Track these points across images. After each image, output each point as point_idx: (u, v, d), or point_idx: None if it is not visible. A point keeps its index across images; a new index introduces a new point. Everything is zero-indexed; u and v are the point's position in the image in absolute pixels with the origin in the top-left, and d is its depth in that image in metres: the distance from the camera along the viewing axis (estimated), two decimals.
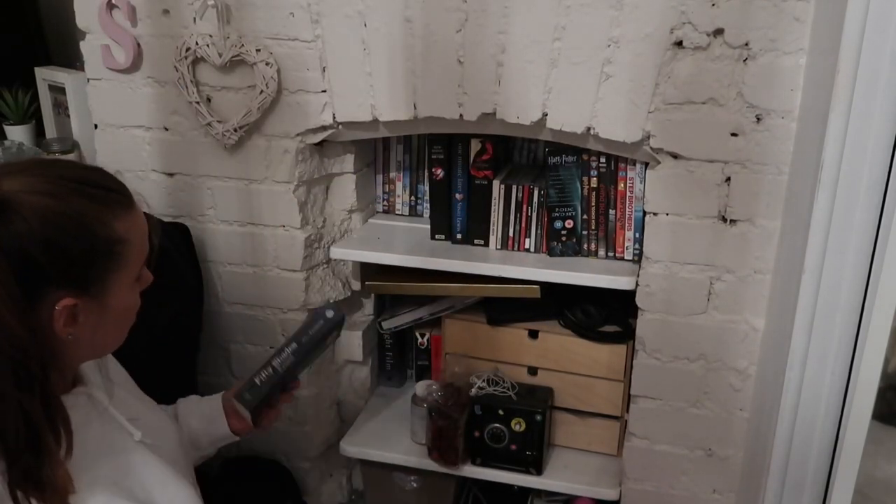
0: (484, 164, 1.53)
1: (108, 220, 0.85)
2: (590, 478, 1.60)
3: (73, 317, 0.85)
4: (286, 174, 1.50)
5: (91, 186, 0.86)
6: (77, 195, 0.83)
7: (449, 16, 1.31)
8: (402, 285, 1.64)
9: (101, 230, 0.85)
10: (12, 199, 0.79)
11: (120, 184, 0.91)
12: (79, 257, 0.83)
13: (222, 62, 1.42)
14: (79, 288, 0.84)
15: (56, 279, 0.82)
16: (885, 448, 1.36)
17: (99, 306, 0.87)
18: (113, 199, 0.87)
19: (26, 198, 0.80)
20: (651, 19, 1.23)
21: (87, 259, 0.84)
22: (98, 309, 0.87)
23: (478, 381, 1.61)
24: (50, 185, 0.82)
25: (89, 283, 0.85)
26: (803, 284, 1.12)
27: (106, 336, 0.92)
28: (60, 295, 0.83)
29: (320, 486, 1.78)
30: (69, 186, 0.83)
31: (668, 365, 1.43)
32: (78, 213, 0.83)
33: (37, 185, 0.81)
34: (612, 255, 1.50)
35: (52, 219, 0.80)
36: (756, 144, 1.26)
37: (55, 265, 0.81)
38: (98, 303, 0.87)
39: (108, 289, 0.87)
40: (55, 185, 0.83)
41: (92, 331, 0.88)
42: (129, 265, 0.89)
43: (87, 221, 0.83)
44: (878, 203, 1.04)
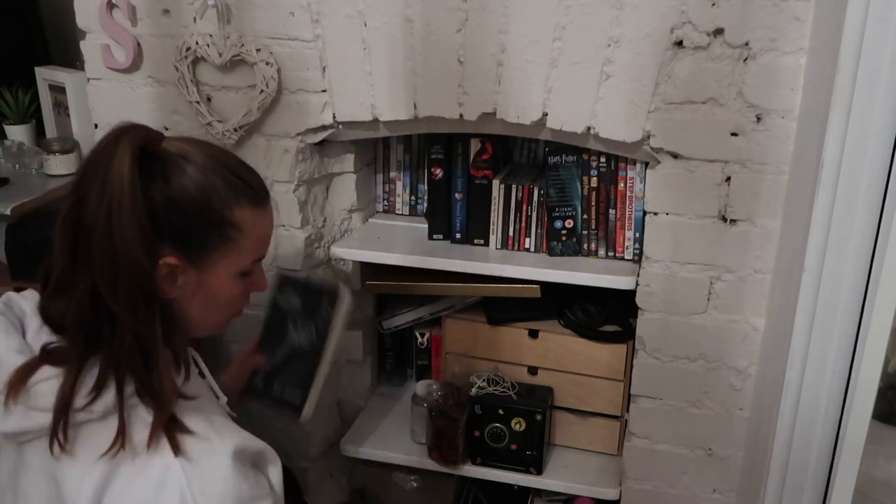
0: (484, 163, 1.53)
1: (231, 204, 0.92)
2: (590, 477, 1.60)
3: (173, 277, 0.90)
4: (286, 174, 1.50)
5: (235, 176, 0.93)
6: (216, 174, 0.91)
7: (449, 15, 1.31)
8: (403, 285, 1.64)
9: (221, 209, 0.91)
10: (167, 157, 0.88)
11: (263, 186, 0.98)
12: (192, 224, 0.90)
13: (222, 62, 1.42)
14: (184, 252, 0.90)
15: (168, 236, 0.88)
16: (885, 448, 1.36)
17: (197, 278, 0.92)
18: (245, 191, 0.94)
19: (177, 161, 0.89)
20: (651, 19, 1.23)
21: (199, 229, 0.91)
22: (196, 280, 0.93)
23: (478, 380, 1.61)
24: (201, 159, 0.91)
25: (194, 252, 0.91)
26: (803, 284, 1.12)
27: (203, 313, 0.97)
28: (166, 251, 0.88)
29: (320, 485, 1.78)
30: (214, 165, 0.91)
31: (668, 364, 1.43)
32: (208, 187, 0.90)
33: (191, 154, 0.90)
34: (613, 255, 1.50)
35: (186, 184, 0.88)
36: (756, 144, 1.26)
37: (173, 224, 0.88)
38: (197, 274, 0.92)
39: (209, 265, 0.93)
40: (205, 160, 0.91)
41: (188, 300, 0.93)
42: (236, 253, 0.94)
43: (211, 197, 0.90)
44: (878, 203, 1.04)
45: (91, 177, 0.85)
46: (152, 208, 0.86)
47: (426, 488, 1.76)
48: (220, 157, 0.94)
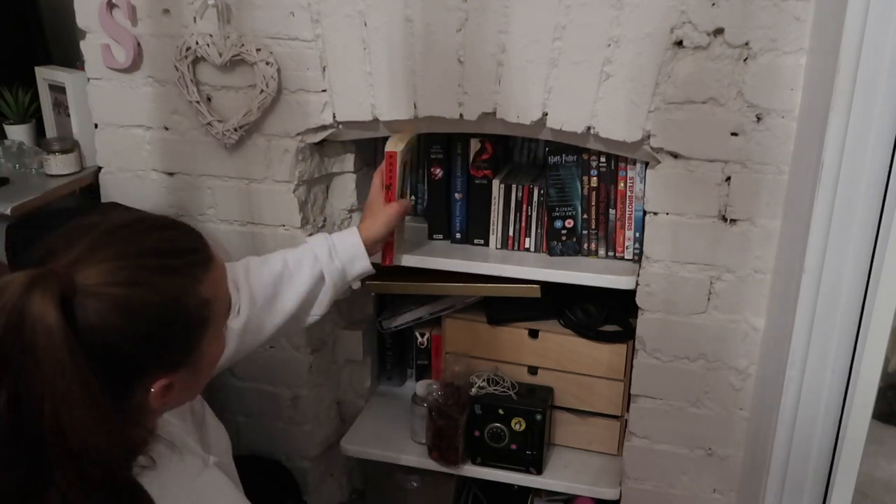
0: (483, 163, 1.53)
1: (194, 289, 0.80)
2: (590, 477, 1.60)
3: (169, 390, 0.82)
4: (286, 173, 1.50)
5: (171, 256, 0.80)
6: (159, 274, 0.77)
7: (449, 15, 1.31)
8: (403, 285, 1.64)
9: (189, 303, 0.80)
10: (91, 293, 0.73)
11: (197, 237, 0.85)
12: (171, 340, 0.80)
13: (222, 62, 1.42)
14: (174, 365, 0.81)
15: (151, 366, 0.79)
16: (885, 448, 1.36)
17: (194, 371, 0.85)
18: (194, 263, 0.82)
19: (107, 290, 0.73)
20: (651, 19, 1.23)
21: (181, 337, 0.81)
22: (193, 373, 0.85)
23: (478, 380, 1.61)
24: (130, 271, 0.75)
25: (184, 357, 0.82)
26: (803, 284, 1.12)
27: (197, 388, 0.90)
28: (156, 377, 0.80)
29: (320, 485, 1.78)
30: (149, 265, 0.77)
31: (668, 364, 1.43)
32: (164, 298, 0.77)
33: (116, 273, 0.74)
34: (613, 255, 1.50)
35: (139, 310, 0.75)
36: (756, 144, 1.26)
37: (149, 355, 0.78)
38: (193, 368, 0.84)
39: (202, 352, 0.84)
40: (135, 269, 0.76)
41: (186, 392, 0.87)
42: (218, 318, 0.86)
43: (174, 302, 0.78)
44: (878, 202, 1.04)
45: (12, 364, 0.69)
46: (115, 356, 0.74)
47: (426, 488, 1.76)
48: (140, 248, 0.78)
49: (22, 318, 0.69)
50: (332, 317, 1.72)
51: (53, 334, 0.69)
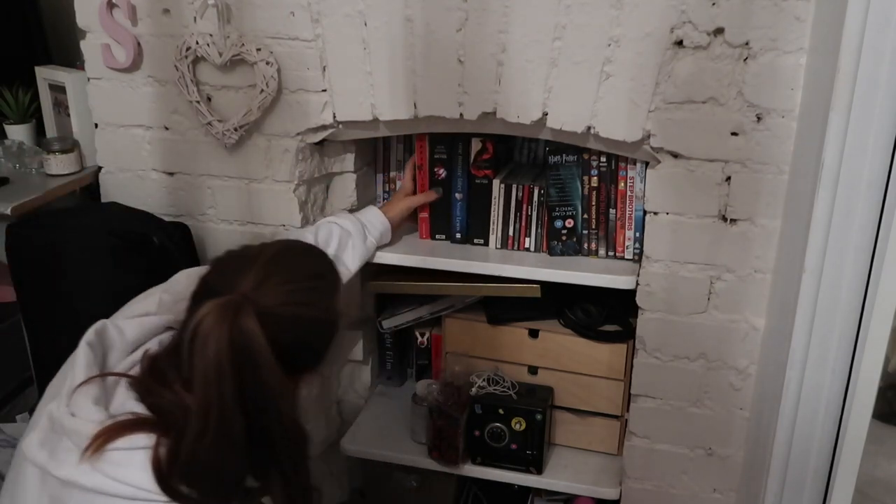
0: (484, 163, 1.53)
1: (335, 304, 1.02)
2: (590, 477, 1.60)
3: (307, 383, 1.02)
4: (286, 173, 1.50)
5: (321, 279, 1.02)
6: (317, 295, 0.99)
7: (449, 15, 1.31)
8: (403, 284, 1.64)
9: (331, 315, 1.01)
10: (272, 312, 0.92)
11: (330, 261, 1.07)
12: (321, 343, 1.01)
13: (223, 61, 1.42)
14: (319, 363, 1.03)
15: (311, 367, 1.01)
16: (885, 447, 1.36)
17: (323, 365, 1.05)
18: (333, 283, 1.04)
19: (283, 310, 0.93)
20: (651, 18, 1.23)
21: (326, 341, 1.02)
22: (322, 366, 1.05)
23: (478, 380, 1.61)
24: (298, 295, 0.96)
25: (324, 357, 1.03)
26: (804, 284, 1.12)
27: None
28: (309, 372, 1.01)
29: (321, 485, 1.78)
30: (308, 287, 0.98)
31: (668, 364, 1.43)
32: (321, 312, 0.99)
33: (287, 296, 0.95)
34: (613, 255, 1.50)
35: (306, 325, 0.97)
36: (756, 144, 1.26)
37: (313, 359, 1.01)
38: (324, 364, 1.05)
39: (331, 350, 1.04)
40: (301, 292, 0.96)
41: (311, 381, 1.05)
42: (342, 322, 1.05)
43: (326, 316, 1.00)
44: (878, 202, 1.05)
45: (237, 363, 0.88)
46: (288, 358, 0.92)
47: (426, 488, 1.76)
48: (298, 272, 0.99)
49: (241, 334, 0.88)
50: None
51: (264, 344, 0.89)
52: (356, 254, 1.45)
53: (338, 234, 1.44)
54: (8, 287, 1.49)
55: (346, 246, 1.44)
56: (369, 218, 1.51)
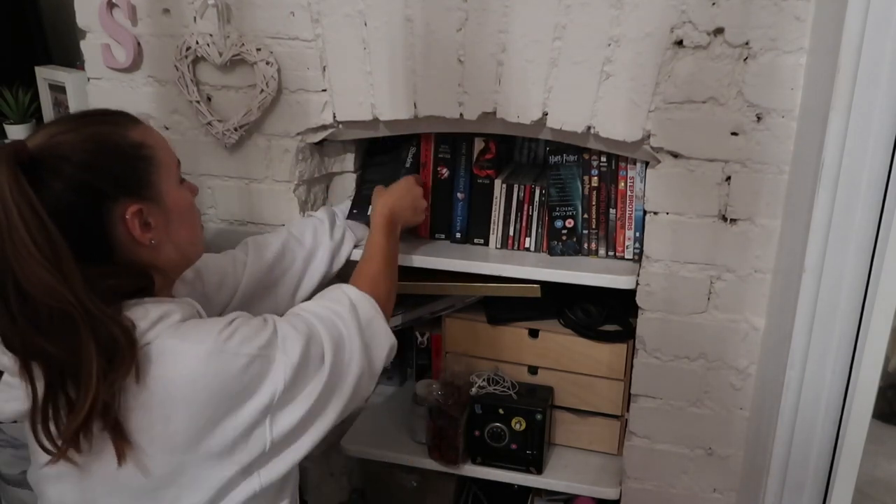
0: (487, 163, 1.53)
1: (123, 132, 1.00)
2: (590, 477, 1.60)
3: (145, 223, 0.99)
4: (286, 173, 1.50)
5: (96, 115, 1.02)
6: (87, 124, 0.98)
7: (449, 15, 1.31)
8: (403, 284, 1.63)
9: (121, 140, 0.99)
10: (42, 151, 0.92)
11: (123, 112, 1.05)
12: (116, 167, 0.97)
13: (223, 61, 1.42)
14: (134, 194, 0.98)
15: (111, 192, 0.96)
16: (885, 447, 1.36)
17: (159, 208, 1.01)
18: (119, 118, 1.03)
19: (52, 142, 0.93)
20: (651, 18, 1.23)
21: (125, 166, 0.98)
22: (160, 211, 1.01)
23: (478, 380, 1.61)
24: (66, 126, 0.96)
25: (140, 188, 0.99)
26: (804, 283, 1.12)
27: (180, 235, 1.05)
28: (124, 204, 0.96)
29: (321, 485, 1.78)
30: (80, 122, 0.98)
31: (668, 364, 1.43)
32: (94, 135, 0.97)
33: (55, 131, 0.95)
34: (613, 255, 1.50)
35: (79, 147, 0.94)
36: (756, 143, 1.26)
37: (102, 180, 0.95)
38: (157, 205, 1.01)
39: (158, 190, 1.01)
40: (70, 125, 0.97)
41: (166, 232, 1.02)
42: (163, 164, 1.02)
43: (105, 138, 0.98)
44: (878, 202, 1.05)
45: None
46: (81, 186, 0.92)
47: (426, 488, 1.76)
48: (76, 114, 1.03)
49: None
50: None
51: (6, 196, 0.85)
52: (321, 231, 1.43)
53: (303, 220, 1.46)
54: None
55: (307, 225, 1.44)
56: (342, 207, 1.54)
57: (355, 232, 1.50)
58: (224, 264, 1.33)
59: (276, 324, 1.05)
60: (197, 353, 0.95)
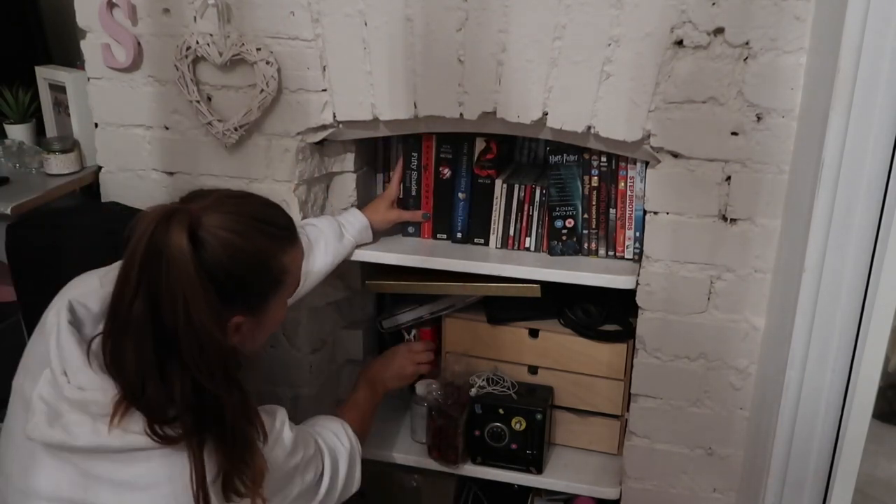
0: (488, 163, 1.53)
1: (279, 255, 1.03)
2: (590, 477, 1.60)
3: (238, 330, 1.02)
4: (287, 173, 1.50)
5: (270, 225, 1.03)
6: (258, 234, 1.00)
7: (449, 14, 1.31)
8: (403, 284, 1.64)
9: (273, 264, 1.02)
10: (210, 234, 0.95)
11: (290, 220, 1.09)
12: (253, 286, 1.01)
13: (223, 61, 1.42)
14: (249, 309, 1.02)
15: (235, 302, 0.99)
16: (885, 447, 1.36)
17: (258, 321, 1.05)
18: (284, 237, 1.05)
19: (221, 234, 0.96)
20: (651, 18, 1.23)
21: (260, 288, 1.02)
22: (258, 323, 1.05)
23: (478, 380, 1.61)
24: (240, 225, 0.98)
25: (257, 306, 1.03)
26: (804, 283, 1.12)
27: (258, 341, 1.10)
28: (235, 313, 1.00)
29: None
30: (254, 225, 1.00)
31: (668, 364, 1.43)
32: (257, 251, 1.00)
33: (230, 223, 0.97)
34: (613, 254, 1.50)
35: (238, 255, 0.97)
36: (756, 143, 1.26)
37: (236, 291, 0.98)
38: (258, 319, 1.04)
39: (268, 309, 1.05)
40: (244, 224, 0.99)
41: (250, 338, 1.06)
42: (287, 289, 1.08)
43: (263, 258, 1.01)
44: (878, 202, 1.04)
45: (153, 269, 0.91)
46: (215, 284, 0.94)
47: (426, 487, 1.76)
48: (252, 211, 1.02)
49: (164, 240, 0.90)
50: (332, 317, 1.72)
51: (185, 253, 0.90)
52: (328, 251, 1.44)
53: (308, 232, 1.44)
54: (8, 287, 1.49)
55: (318, 242, 1.44)
56: (348, 218, 1.52)
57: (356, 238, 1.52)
58: None
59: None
60: None
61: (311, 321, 1.63)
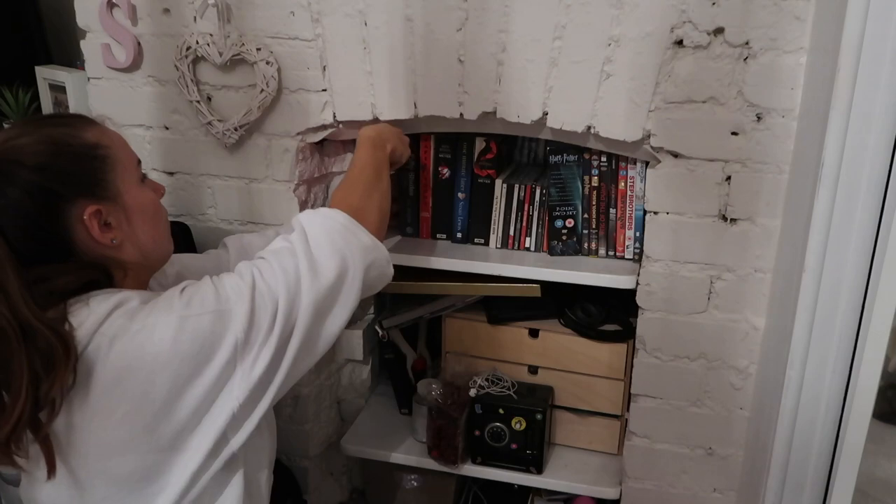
0: (487, 162, 1.53)
1: (78, 133, 0.98)
2: (590, 476, 1.60)
3: (105, 223, 0.97)
4: (287, 173, 1.50)
5: (53, 118, 1.02)
6: (42, 127, 0.98)
7: (449, 14, 1.31)
8: (403, 284, 1.64)
9: (75, 141, 0.97)
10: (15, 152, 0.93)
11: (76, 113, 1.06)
12: (70, 167, 0.96)
13: (223, 61, 1.42)
14: (90, 195, 0.96)
15: (66, 193, 0.94)
16: (885, 447, 1.36)
17: (118, 207, 0.99)
18: (74, 120, 1.01)
19: (6, 146, 0.94)
20: (651, 18, 1.23)
21: (79, 167, 0.97)
22: (119, 210, 0.99)
23: (478, 379, 1.61)
24: (18, 130, 0.97)
25: (96, 188, 0.97)
26: (804, 283, 1.12)
27: (145, 235, 1.03)
28: (81, 205, 0.95)
29: (321, 484, 1.78)
30: (34, 124, 0.99)
31: (668, 364, 1.43)
32: (48, 137, 0.96)
33: (9, 135, 0.96)
34: (613, 254, 1.50)
35: (31, 149, 0.94)
36: (756, 143, 1.26)
37: (56, 181, 0.94)
38: (116, 204, 0.99)
39: (116, 189, 0.99)
40: (22, 128, 0.97)
41: (128, 231, 1.00)
42: (120, 164, 1.01)
43: (58, 139, 0.96)
44: (878, 202, 1.04)
45: None
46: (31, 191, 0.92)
47: (426, 487, 1.76)
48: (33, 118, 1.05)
49: None
50: None
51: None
52: None
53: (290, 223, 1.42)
54: None
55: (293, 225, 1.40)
56: None
57: None
58: (206, 264, 1.29)
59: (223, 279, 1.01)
60: (167, 322, 0.93)
61: None
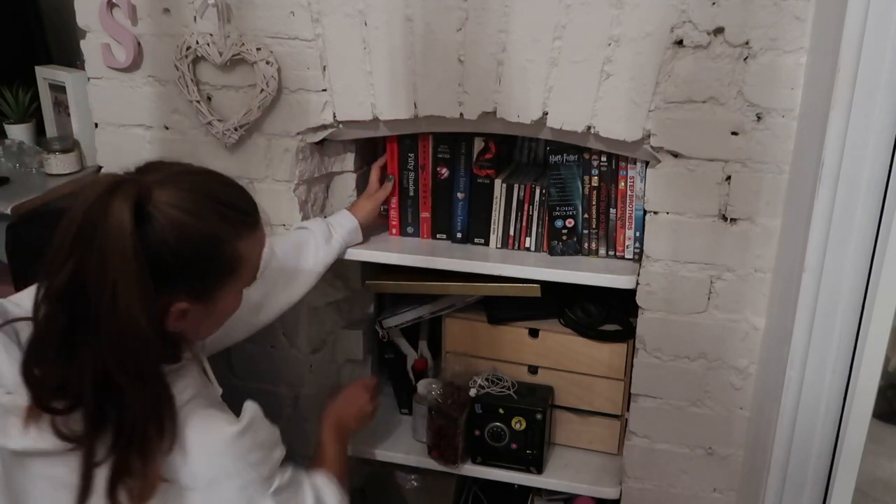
0: (487, 162, 1.53)
1: (234, 241, 0.96)
2: (590, 476, 1.60)
3: (183, 316, 0.96)
4: (287, 173, 1.50)
5: (228, 207, 0.96)
6: (213, 215, 0.94)
7: (449, 14, 1.31)
8: (403, 284, 1.64)
9: (226, 249, 0.95)
10: (160, 210, 0.89)
11: (253, 205, 1.01)
12: (202, 272, 0.95)
13: (223, 61, 1.42)
14: (195, 295, 0.95)
15: (179, 285, 0.93)
16: (885, 447, 1.36)
17: (206, 309, 0.98)
18: (242, 221, 0.98)
19: (172, 212, 0.90)
20: (651, 18, 1.23)
21: (209, 274, 0.96)
22: (206, 311, 0.98)
23: (478, 379, 1.61)
24: (194, 204, 0.92)
25: (204, 292, 0.96)
26: (804, 283, 1.12)
27: (207, 330, 1.04)
28: (178, 298, 0.93)
29: None
30: (209, 206, 0.94)
31: (668, 364, 1.43)
32: (209, 234, 0.93)
33: (183, 201, 0.91)
34: (613, 254, 1.50)
35: (187, 236, 0.91)
36: (756, 143, 1.26)
37: (181, 274, 0.92)
38: (206, 307, 0.98)
39: (218, 296, 0.99)
40: (198, 203, 0.92)
41: (196, 326, 1.00)
42: (242, 278, 1.01)
43: (216, 242, 0.94)
44: (878, 202, 1.04)
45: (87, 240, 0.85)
46: (158, 264, 0.88)
47: (426, 487, 1.76)
48: (210, 191, 0.96)
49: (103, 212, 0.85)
50: (332, 317, 1.72)
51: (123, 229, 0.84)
52: (318, 252, 1.43)
53: (298, 233, 1.44)
54: (8, 287, 1.49)
55: (307, 243, 1.42)
56: (338, 219, 1.51)
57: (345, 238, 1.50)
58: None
59: None
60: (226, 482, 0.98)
61: (311, 321, 1.63)
